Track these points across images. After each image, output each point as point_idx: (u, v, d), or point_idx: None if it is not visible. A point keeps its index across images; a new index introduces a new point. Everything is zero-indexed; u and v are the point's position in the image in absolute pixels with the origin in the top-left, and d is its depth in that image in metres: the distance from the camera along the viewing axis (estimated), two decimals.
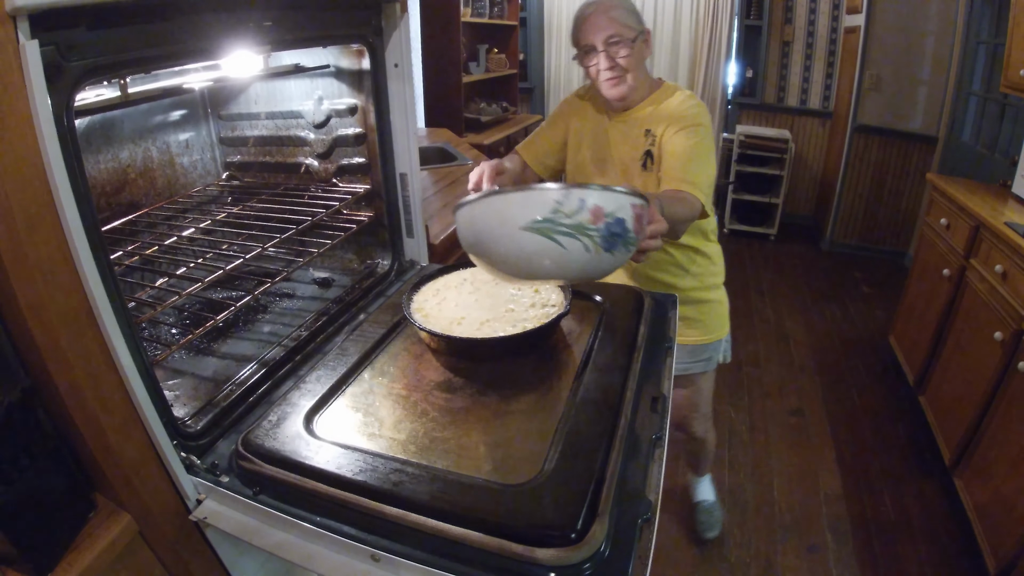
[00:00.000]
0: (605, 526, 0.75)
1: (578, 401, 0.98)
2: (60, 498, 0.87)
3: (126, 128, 1.40)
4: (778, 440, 2.67)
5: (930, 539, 2.16)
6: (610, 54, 1.45)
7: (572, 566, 0.71)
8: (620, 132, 1.58)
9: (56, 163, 0.68)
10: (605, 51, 1.45)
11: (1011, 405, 1.93)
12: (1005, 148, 3.16)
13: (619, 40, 1.43)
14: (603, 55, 1.45)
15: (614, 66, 1.46)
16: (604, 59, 1.46)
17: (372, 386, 1.07)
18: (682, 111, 1.49)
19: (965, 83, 3.72)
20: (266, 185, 1.65)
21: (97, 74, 0.75)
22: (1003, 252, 2.10)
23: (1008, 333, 1.98)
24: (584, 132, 1.66)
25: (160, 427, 0.88)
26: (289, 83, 1.51)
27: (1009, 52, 2.54)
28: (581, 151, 1.67)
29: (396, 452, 0.89)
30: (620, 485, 0.84)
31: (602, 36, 1.44)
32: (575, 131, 1.68)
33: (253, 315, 1.44)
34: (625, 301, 1.31)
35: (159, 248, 1.32)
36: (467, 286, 1.30)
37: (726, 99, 5.34)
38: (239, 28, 0.96)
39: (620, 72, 1.47)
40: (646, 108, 1.55)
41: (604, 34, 1.43)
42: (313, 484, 0.84)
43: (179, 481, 0.93)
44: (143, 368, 0.85)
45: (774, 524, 2.23)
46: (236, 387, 1.11)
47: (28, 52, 0.64)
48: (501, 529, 0.74)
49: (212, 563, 1.04)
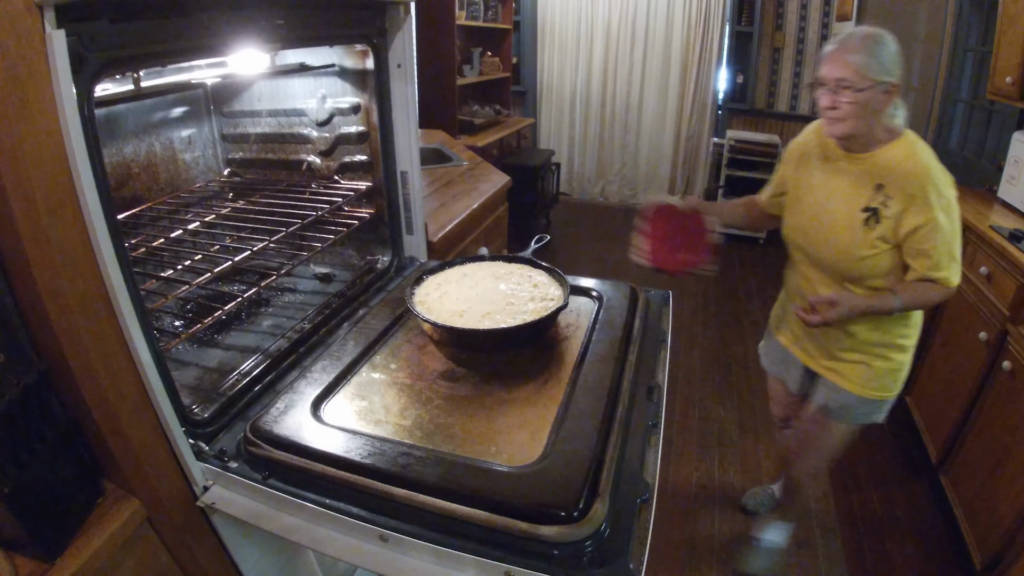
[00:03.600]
0: (605, 505, 0.78)
1: (577, 390, 1.01)
2: (70, 483, 0.88)
3: (130, 123, 1.42)
4: (767, 439, 2.71)
5: (917, 535, 2.20)
6: (834, 94, 1.42)
7: (575, 543, 0.74)
8: (843, 175, 1.53)
9: (79, 150, 0.70)
10: (832, 90, 1.42)
11: (996, 404, 1.97)
12: (992, 154, 3.22)
13: (848, 86, 1.39)
14: (827, 93, 1.43)
15: (834, 108, 1.43)
16: (826, 97, 1.43)
17: (377, 375, 1.09)
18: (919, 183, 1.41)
19: (952, 90, 3.79)
20: (268, 181, 1.67)
21: (117, 66, 0.78)
22: (988, 254, 2.15)
23: (993, 333, 2.03)
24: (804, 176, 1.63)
25: (171, 412, 0.90)
26: (293, 81, 1.53)
27: (996, 60, 2.60)
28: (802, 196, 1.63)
29: (403, 437, 0.92)
30: (619, 468, 0.87)
31: (833, 75, 1.40)
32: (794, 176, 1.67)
33: (256, 309, 1.46)
34: (621, 296, 1.34)
35: (163, 241, 1.34)
36: (467, 281, 1.33)
37: (716, 104, 5.40)
38: (252, 26, 0.98)
39: (840, 115, 1.43)
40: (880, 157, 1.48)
41: (835, 75, 1.40)
42: (322, 468, 0.87)
43: (188, 467, 0.95)
44: (156, 354, 0.87)
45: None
46: (242, 377, 1.13)
47: (55, 41, 0.66)
48: (507, 508, 0.77)
49: (217, 549, 1.05)
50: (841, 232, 1.51)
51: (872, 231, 1.47)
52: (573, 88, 5.70)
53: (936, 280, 1.45)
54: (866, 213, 1.48)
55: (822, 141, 1.58)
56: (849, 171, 1.51)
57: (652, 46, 5.39)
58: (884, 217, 1.45)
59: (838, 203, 1.52)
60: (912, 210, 1.42)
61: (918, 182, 1.42)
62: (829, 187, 1.55)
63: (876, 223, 1.46)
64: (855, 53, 1.38)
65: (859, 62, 1.37)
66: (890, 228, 1.45)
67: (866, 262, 1.48)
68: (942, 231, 1.42)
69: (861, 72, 1.38)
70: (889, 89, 1.41)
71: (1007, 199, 2.47)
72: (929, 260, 1.44)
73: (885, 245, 1.48)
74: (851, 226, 1.50)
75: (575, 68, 5.63)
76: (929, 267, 1.45)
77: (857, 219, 1.49)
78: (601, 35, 5.46)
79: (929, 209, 1.40)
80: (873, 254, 1.48)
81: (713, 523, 2.24)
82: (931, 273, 1.45)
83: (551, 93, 5.83)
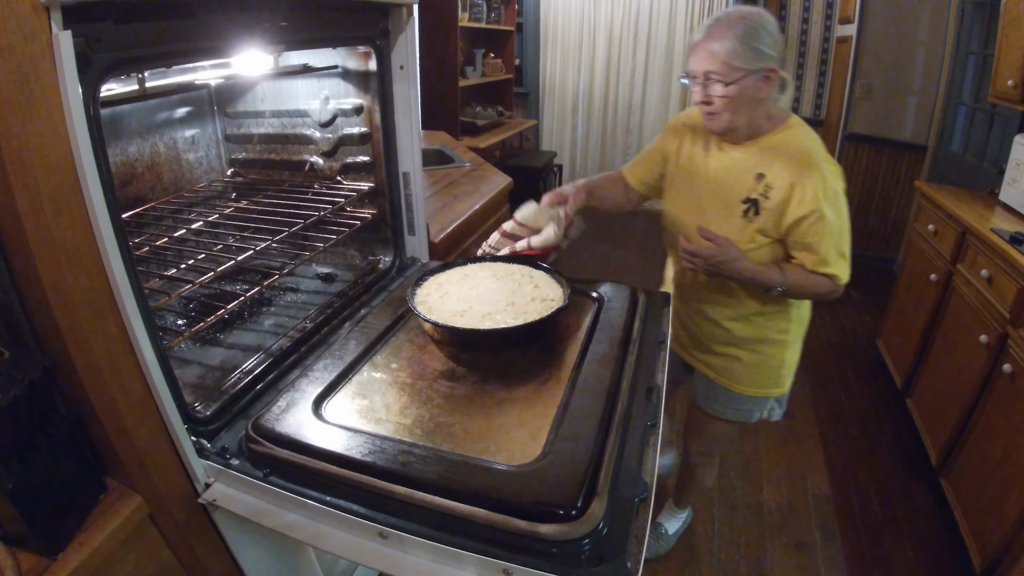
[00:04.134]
0: (604, 504, 0.79)
1: (576, 390, 1.02)
2: (73, 479, 0.89)
3: (134, 123, 1.43)
4: (767, 441, 2.71)
5: (917, 538, 2.20)
6: (706, 88, 1.34)
7: (573, 541, 0.75)
8: (724, 165, 1.46)
9: (85, 150, 0.71)
10: (703, 84, 1.35)
11: (996, 406, 1.98)
12: (994, 157, 3.23)
13: (718, 79, 1.31)
14: (699, 87, 1.36)
15: (707, 102, 1.36)
16: (699, 91, 1.36)
17: (378, 375, 1.10)
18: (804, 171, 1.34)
19: (955, 93, 3.79)
20: (271, 182, 1.68)
21: (122, 67, 0.79)
22: (989, 257, 2.15)
23: (993, 336, 2.03)
24: (685, 162, 1.55)
25: (174, 409, 0.91)
26: (296, 82, 1.54)
27: (997, 63, 2.61)
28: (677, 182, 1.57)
29: (403, 435, 0.92)
30: (617, 467, 0.87)
31: (700, 69, 1.33)
32: (673, 155, 1.58)
33: (258, 308, 1.47)
34: (621, 298, 1.35)
35: (167, 241, 1.35)
36: (468, 281, 1.34)
37: None
38: (257, 27, 0.99)
39: (714, 110, 1.36)
40: (762, 145, 1.41)
41: (702, 68, 1.32)
42: (323, 465, 0.88)
43: (190, 464, 0.96)
44: (159, 352, 0.88)
45: (763, 523, 2.26)
46: (244, 375, 1.14)
47: (61, 42, 0.67)
48: (506, 506, 0.78)
49: (218, 546, 1.06)
50: (719, 224, 1.43)
51: (751, 224, 1.41)
52: (575, 90, 5.71)
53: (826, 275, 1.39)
54: (745, 204, 1.41)
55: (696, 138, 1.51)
56: (729, 160, 1.45)
57: (654, 48, 5.40)
58: (764, 209, 1.39)
59: (717, 193, 1.46)
60: (795, 200, 1.34)
61: (801, 170, 1.34)
62: (709, 176, 1.48)
63: (755, 215, 1.40)
64: (721, 41, 1.29)
65: (727, 51, 1.28)
66: (771, 221, 1.39)
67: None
68: (828, 224, 1.34)
69: (729, 62, 1.29)
70: (767, 75, 1.32)
71: (1008, 202, 2.47)
72: (815, 255, 1.37)
73: (764, 239, 1.41)
74: (729, 218, 1.43)
75: (577, 70, 5.64)
76: (815, 262, 1.37)
77: (736, 211, 1.42)
78: (604, 37, 5.47)
79: (814, 200, 1.33)
80: (751, 248, 1.41)
81: (713, 525, 2.25)
82: (818, 269, 1.38)
83: (553, 95, 5.84)
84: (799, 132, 1.41)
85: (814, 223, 1.34)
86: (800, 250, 1.40)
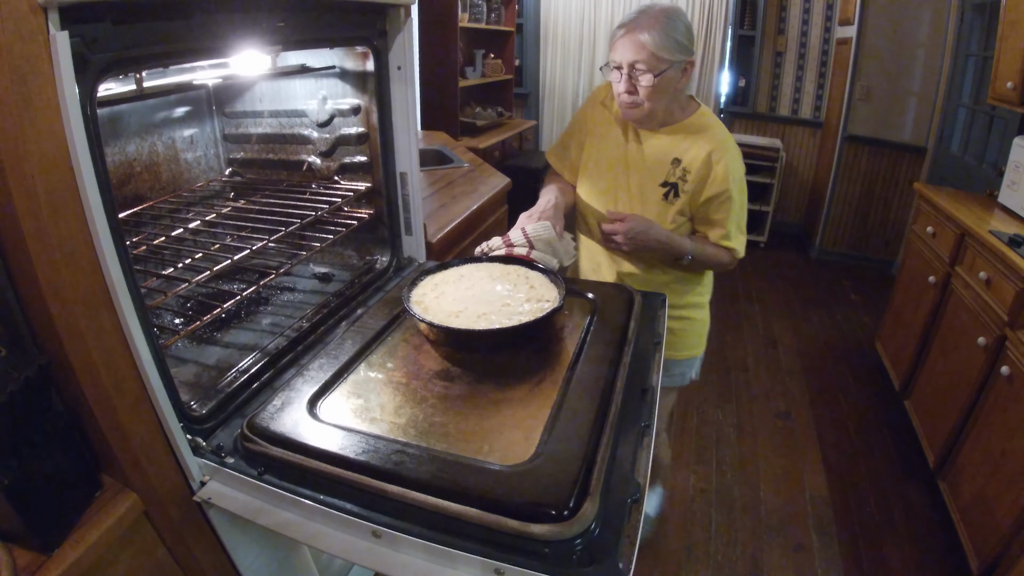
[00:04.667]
0: (596, 504, 0.79)
1: (571, 390, 1.02)
2: (68, 476, 0.89)
3: (133, 123, 1.43)
4: (765, 442, 2.72)
5: (914, 540, 2.20)
6: (631, 78, 1.39)
7: (565, 541, 0.75)
8: (641, 153, 1.53)
9: (81, 149, 0.72)
10: (628, 74, 1.39)
11: (993, 409, 1.98)
12: (993, 159, 3.23)
13: (646, 69, 1.37)
14: (624, 77, 1.40)
15: (633, 91, 1.41)
16: (624, 82, 1.40)
17: (373, 374, 1.10)
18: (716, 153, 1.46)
19: (954, 95, 3.80)
20: (268, 181, 1.68)
21: (119, 67, 0.79)
22: (987, 260, 2.16)
23: (991, 338, 2.04)
24: (602, 147, 1.60)
25: (170, 408, 0.91)
26: (294, 82, 1.55)
27: (997, 65, 2.61)
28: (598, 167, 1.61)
29: (397, 435, 0.93)
30: (610, 468, 0.88)
31: (627, 59, 1.37)
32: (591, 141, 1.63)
33: (255, 307, 1.47)
34: (616, 299, 1.35)
35: (164, 240, 1.36)
36: (464, 281, 1.34)
37: (719, 107, 5.41)
38: (253, 28, 1.00)
39: (638, 100, 1.42)
40: (676, 132, 1.50)
41: (630, 58, 1.37)
42: (317, 464, 0.88)
43: (185, 462, 0.96)
44: (155, 350, 0.88)
45: (760, 524, 2.27)
46: (239, 374, 1.15)
47: (58, 42, 0.67)
48: (498, 506, 0.78)
49: (213, 544, 1.06)
50: (640, 207, 1.53)
51: (672, 206, 1.51)
52: (575, 90, 5.71)
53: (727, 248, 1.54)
54: (665, 188, 1.51)
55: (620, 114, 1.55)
56: (646, 147, 1.53)
57: None
58: (683, 191, 1.49)
59: (636, 178, 1.54)
60: (708, 181, 1.47)
61: (713, 154, 1.46)
62: (628, 163, 1.55)
63: (675, 197, 1.50)
64: (650, 33, 1.34)
65: (655, 43, 1.35)
66: (687, 201, 1.50)
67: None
68: (733, 203, 1.49)
69: (657, 53, 1.35)
70: (685, 66, 1.41)
71: (1007, 204, 2.47)
72: (721, 230, 1.52)
73: (683, 219, 1.53)
74: (650, 201, 1.52)
75: (578, 70, 5.64)
76: (719, 236, 1.53)
77: (656, 194, 1.52)
78: (604, 37, 5.47)
79: (724, 180, 1.46)
80: (672, 228, 1.52)
81: (711, 526, 2.25)
82: (722, 242, 1.53)
83: (553, 95, 5.84)
84: (709, 119, 1.52)
85: (723, 202, 1.49)
86: (707, 225, 1.54)
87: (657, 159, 1.51)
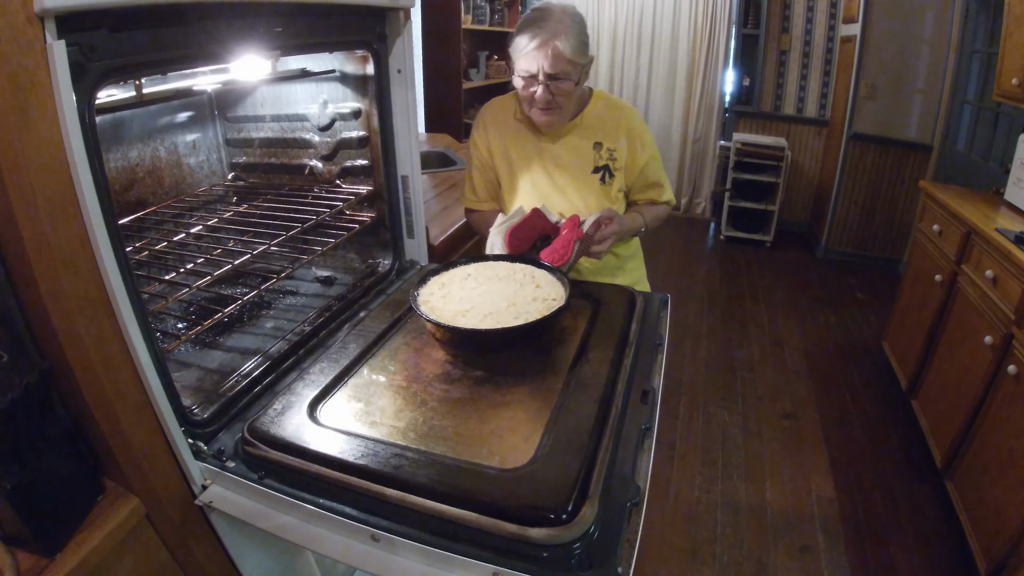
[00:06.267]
0: (595, 508, 0.79)
1: (571, 393, 1.02)
2: (71, 480, 0.90)
3: (135, 128, 1.44)
4: (771, 443, 2.70)
5: (921, 540, 2.19)
6: (551, 88, 1.37)
7: (563, 545, 0.75)
8: (564, 149, 1.53)
9: (80, 157, 0.72)
10: (546, 84, 1.37)
11: (1001, 408, 1.96)
12: (999, 156, 3.21)
13: (565, 78, 1.36)
14: (543, 87, 1.37)
15: (552, 99, 1.39)
16: (543, 92, 1.38)
17: (373, 378, 1.11)
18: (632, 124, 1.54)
19: (959, 92, 3.77)
20: (270, 186, 1.69)
21: (117, 74, 0.80)
22: (993, 258, 2.14)
23: (998, 337, 2.02)
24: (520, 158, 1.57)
25: (171, 413, 0.92)
26: (295, 87, 1.55)
27: (1002, 61, 2.59)
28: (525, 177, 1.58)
29: (396, 439, 0.93)
30: (610, 471, 0.87)
31: (546, 70, 1.35)
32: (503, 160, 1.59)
33: (257, 311, 1.48)
34: (618, 300, 1.35)
35: (167, 244, 1.36)
36: (471, 281, 1.34)
37: (723, 107, 5.40)
38: (251, 33, 1.00)
39: (557, 106, 1.41)
40: (585, 119, 1.52)
41: (549, 69, 1.34)
42: (317, 468, 0.88)
43: (186, 466, 0.97)
44: (156, 356, 0.89)
45: (766, 525, 2.26)
46: (241, 378, 1.15)
47: (55, 52, 0.68)
48: (496, 510, 0.78)
49: (216, 548, 1.07)
50: (579, 199, 1.55)
51: (611, 187, 1.55)
52: None
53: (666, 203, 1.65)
54: (598, 173, 1.54)
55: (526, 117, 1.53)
56: (564, 142, 1.55)
57: (658, 49, 5.40)
58: (617, 170, 1.54)
59: (565, 173, 1.56)
60: (637, 150, 1.54)
61: (629, 126, 1.53)
62: (550, 166, 1.56)
63: (611, 178, 1.54)
64: (565, 41, 1.33)
65: (572, 50, 1.34)
66: (623, 177, 1.55)
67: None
68: (659, 161, 1.60)
69: (574, 60, 1.35)
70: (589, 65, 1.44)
71: (1014, 201, 2.45)
72: (661, 189, 1.62)
73: (622, 195, 1.61)
74: (589, 189, 1.55)
75: None
76: (661, 194, 1.63)
77: (592, 181, 1.54)
78: (607, 38, 5.47)
79: (649, 144, 1.56)
80: (617, 207, 1.59)
81: (716, 527, 2.24)
82: (663, 198, 1.63)
83: None
84: (606, 97, 1.57)
85: (654, 164, 1.58)
86: (648, 189, 1.62)
87: (579, 149, 1.54)
